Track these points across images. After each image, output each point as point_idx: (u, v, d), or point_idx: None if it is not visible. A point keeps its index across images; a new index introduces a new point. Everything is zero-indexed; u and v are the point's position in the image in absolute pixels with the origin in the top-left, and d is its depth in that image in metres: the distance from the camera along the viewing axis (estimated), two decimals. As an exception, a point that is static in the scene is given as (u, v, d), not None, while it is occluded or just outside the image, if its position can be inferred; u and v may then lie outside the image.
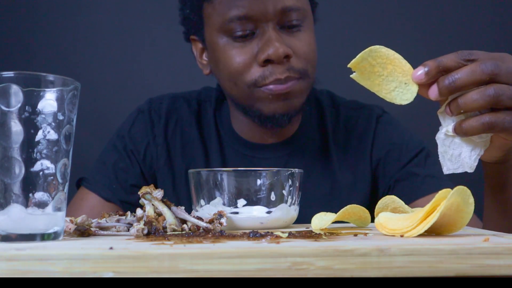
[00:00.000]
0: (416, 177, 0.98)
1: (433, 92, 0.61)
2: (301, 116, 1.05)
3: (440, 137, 0.63)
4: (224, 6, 0.92)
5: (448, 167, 0.63)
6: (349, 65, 0.61)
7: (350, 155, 1.03)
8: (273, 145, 1.03)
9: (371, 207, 0.68)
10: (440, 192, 0.54)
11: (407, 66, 0.62)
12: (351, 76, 0.62)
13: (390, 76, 0.62)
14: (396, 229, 0.56)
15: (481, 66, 0.59)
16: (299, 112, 0.97)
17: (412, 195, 0.95)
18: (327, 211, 0.68)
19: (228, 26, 0.91)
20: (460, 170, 0.63)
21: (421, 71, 0.61)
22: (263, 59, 0.89)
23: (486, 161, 0.73)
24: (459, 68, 0.60)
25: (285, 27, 0.92)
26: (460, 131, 0.61)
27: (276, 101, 0.92)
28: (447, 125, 0.63)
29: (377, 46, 0.61)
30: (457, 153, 0.63)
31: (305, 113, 1.06)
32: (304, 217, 0.75)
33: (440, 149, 0.64)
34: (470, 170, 0.63)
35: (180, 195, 1.01)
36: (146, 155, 1.03)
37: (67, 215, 0.59)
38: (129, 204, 0.98)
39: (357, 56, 0.61)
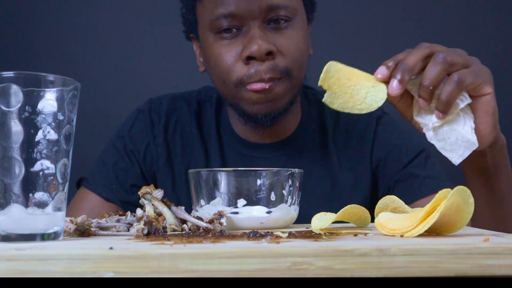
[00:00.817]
0: (416, 178, 0.98)
1: (393, 85, 0.66)
2: (300, 116, 1.05)
3: (430, 136, 0.64)
4: (212, 5, 0.93)
5: (456, 158, 0.64)
6: (319, 84, 0.64)
7: (350, 155, 1.03)
8: (272, 144, 1.03)
9: (371, 207, 0.68)
10: (440, 192, 0.54)
11: (366, 73, 0.66)
12: (323, 100, 0.65)
13: (358, 84, 0.64)
14: (396, 229, 0.56)
15: (420, 46, 0.68)
16: (284, 113, 0.97)
17: (412, 196, 0.95)
18: (327, 211, 0.68)
19: (215, 24, 0.93)
20: (468, 152, 0.65)
21: (381, 67, 0.67)
22: (246, 56, 0.90)
23: (481, 149, 0.72)
24: None
25: (273, 24, 0.93)
26: (441, 106, 0.65)
27: (259, 102, 0.93)
28: (429, 120, 0.64)
29: (334, 62, 0.64)
30: (453, 139, 0.64)
31: (304, 112, 1.06)
32: (304, 217, 0.75)
33: (438, 147, 0.65)
34: (475, 146, 0.65)
35: (180, 195, 1.01)
36: (146, 155, 1.03)
37: (67, 215, 0.59)
38: (129, 204, 0.98)
39: (322, 73, 0.63)
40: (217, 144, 1.04)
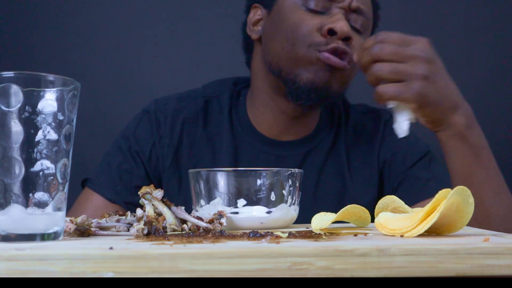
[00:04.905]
0: (419, 180, 0.99)
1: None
2: (319, 117, 1.06)
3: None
4: None
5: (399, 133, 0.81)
6: None
7: (359, 157, 1.04)
8: (291, 142, 1.03)
9: None
10: (440, 192, 0.54)
11: None
12: None
13: None
14: (396, 229, 0.56)
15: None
16: (322, 104, 1.01)
17: (415, 198, 0.96)
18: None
19: None
20: (401, 135, 0.80)
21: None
22: (329, 28, 0.92)
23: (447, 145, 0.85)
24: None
25: (349, 26, 0.96)
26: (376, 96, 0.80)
27: (322, 70, 0.94)
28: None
29: None
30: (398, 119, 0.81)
31: (321, 114, 1.07)
32: (314, 215, 0.75)
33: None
34: (403, 134, 0.80)
35: (187, 196, 1.00)
36: (151, 156, 1.02)
37: (71, 215, 0.59)
38: (134, 205, 0.98)
39: None
40: (230, 141, 1.03)
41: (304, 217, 0.75)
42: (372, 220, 0.67)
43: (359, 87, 1.02)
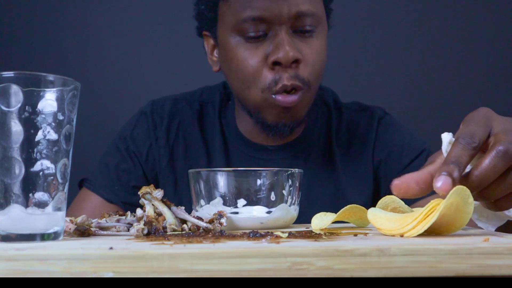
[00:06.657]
0: None
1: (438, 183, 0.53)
2: (306, 119, 1.05)
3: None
4: (239, 6, 0.92)
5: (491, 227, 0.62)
6: None
7: (352, 156, 1.03)
8: (279, 146, 1.03)
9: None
10: (439, 191, 0.54)
11: None
12: None
13: None
14: (384, 228, 0.56)
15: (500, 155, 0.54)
16: (301, 123, 0.99)
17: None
18: (332, 211, 0.68)
19: (241, 26, 0.91)
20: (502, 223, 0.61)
21: (443, 180, 0.53)
22: (272, 61, 0.89)
23: None
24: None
25: (298, 31, 0.92)
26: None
27: (282, 112, 0.93)
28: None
29: None
30: (492, 214, 0.61)
31: (311, 115, 1.06)
32: (307, 218, 0.75)
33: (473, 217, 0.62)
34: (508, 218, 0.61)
35: (182, 197, 1.01)
36: (148, 156, 1.03)
37: (68, 215, 0.59)
38: (131, 205, 0.98)
39: None
40: (222, 145, 1.03)
41: (297, 218, 0.75)
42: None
43: (353, 86, 1.01)
